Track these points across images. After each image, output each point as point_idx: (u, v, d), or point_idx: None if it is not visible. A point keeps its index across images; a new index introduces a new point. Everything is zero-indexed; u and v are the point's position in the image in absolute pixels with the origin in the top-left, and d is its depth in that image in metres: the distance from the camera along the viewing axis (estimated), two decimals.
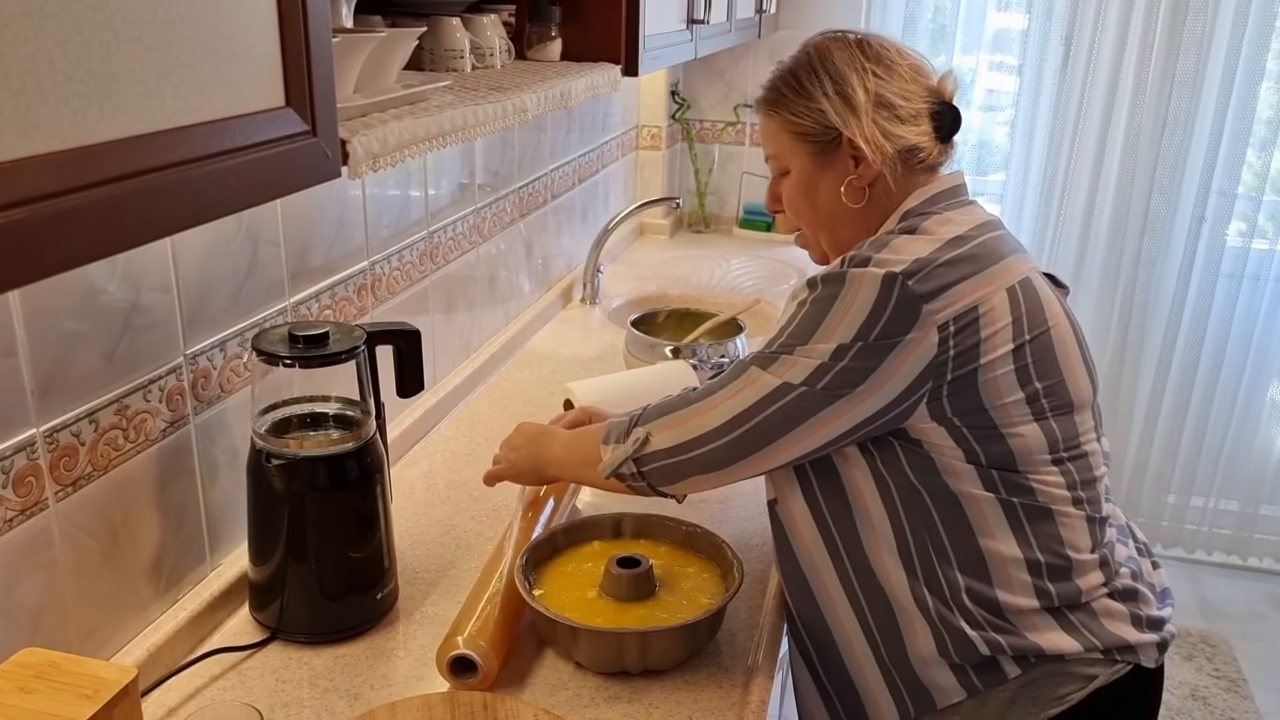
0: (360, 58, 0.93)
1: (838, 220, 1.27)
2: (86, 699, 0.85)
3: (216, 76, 0.65)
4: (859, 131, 1.20)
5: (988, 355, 1.10)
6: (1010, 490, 1.14)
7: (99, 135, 0.55)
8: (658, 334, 2.06)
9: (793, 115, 1.25)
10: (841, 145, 1.22)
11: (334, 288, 1.46)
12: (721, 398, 1.15)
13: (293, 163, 0.72)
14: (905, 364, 1.08)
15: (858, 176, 1.23)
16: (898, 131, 1.21)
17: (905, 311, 1.08)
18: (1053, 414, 1.14)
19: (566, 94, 1.36)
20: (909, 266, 1.09)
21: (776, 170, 1.32)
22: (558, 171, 2.35)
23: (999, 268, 1.14)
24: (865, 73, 1.21)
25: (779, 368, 1.12)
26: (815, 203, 1.27)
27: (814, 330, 1.11)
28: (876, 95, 1.20)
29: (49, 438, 0.99)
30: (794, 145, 1.26)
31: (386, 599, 1.26)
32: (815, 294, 1.13)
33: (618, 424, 1.25)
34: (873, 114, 1.20)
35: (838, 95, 1.21)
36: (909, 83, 1.22)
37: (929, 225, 1.17)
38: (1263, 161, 3.05)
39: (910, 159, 1.22)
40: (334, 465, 1.18)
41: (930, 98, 1.23)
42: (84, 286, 1.02)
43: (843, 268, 1.12)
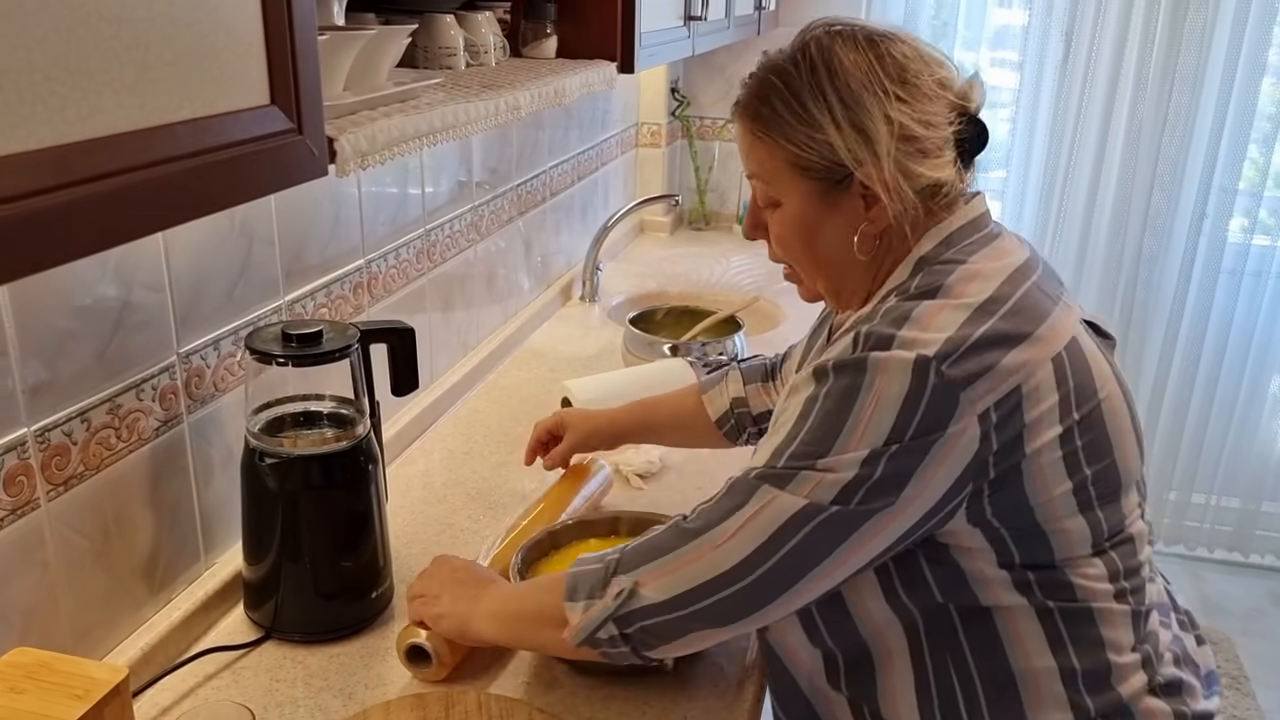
0: (350, 55, 0.92)
1: (840, 268, 1.06)
2: (77, 699, 0.85)
3: (198, 74, 0.64)
4: (877, 175, 0.97)
5: (1033, 443, 0.93)
6: (1047, 592, 0.97)
7: (77, 134, 0.55)
8: (656, 332, 2.05)
9: (793, 145, 1.00)
10: (853, 184, 1.00)
11: (329, 286, 1.46)
12: (729, 530, 0.94)
13: (278, 161, 0.72)
14: (946, 464, 0.91)
15: (870, 223, 1.01)
16: (921, 170, 0.98)
17: (943, 402, 0.89)
18: (1099, 502, 0.97)
19: (560, 91, 1.36)
20: (942, 347, 0.90)
21: (763, 198, 1.07)
22: (557, 169, 2.35)
23: (1042, 332, 0.95)
24: (888, 98, 0.97)
25: (799, 487, 0.91)
26: (814, 247, 1.05)
27: (835, 435, 0.91)
28: (901, 128, 0.97)
29: (40, 437, 0.99)
30: (791, 177, 1.02)
31: (382, 598, 1.26)
32: (829, 386, 0.93)
33: (588, 574, 1.02)
34: (896, 152, 0.97)
35: (852, 128, 0.97)
36: (934, 102, 0.99)
37: (955, 284, 0.96)
38: (1264, 157, 3.04)
39: (932, 197, 1.01)
40: (328, 464, 1.18)
41: (955, 116, 1.00)
42: (75, 285, 1.01)
43: (859, 351, 0.93)
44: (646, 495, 1.58)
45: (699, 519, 0.97)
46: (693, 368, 1.85)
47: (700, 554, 0.95)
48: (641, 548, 1.00)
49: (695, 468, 1.67)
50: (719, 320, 2.07)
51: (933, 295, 0.96)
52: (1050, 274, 1.07)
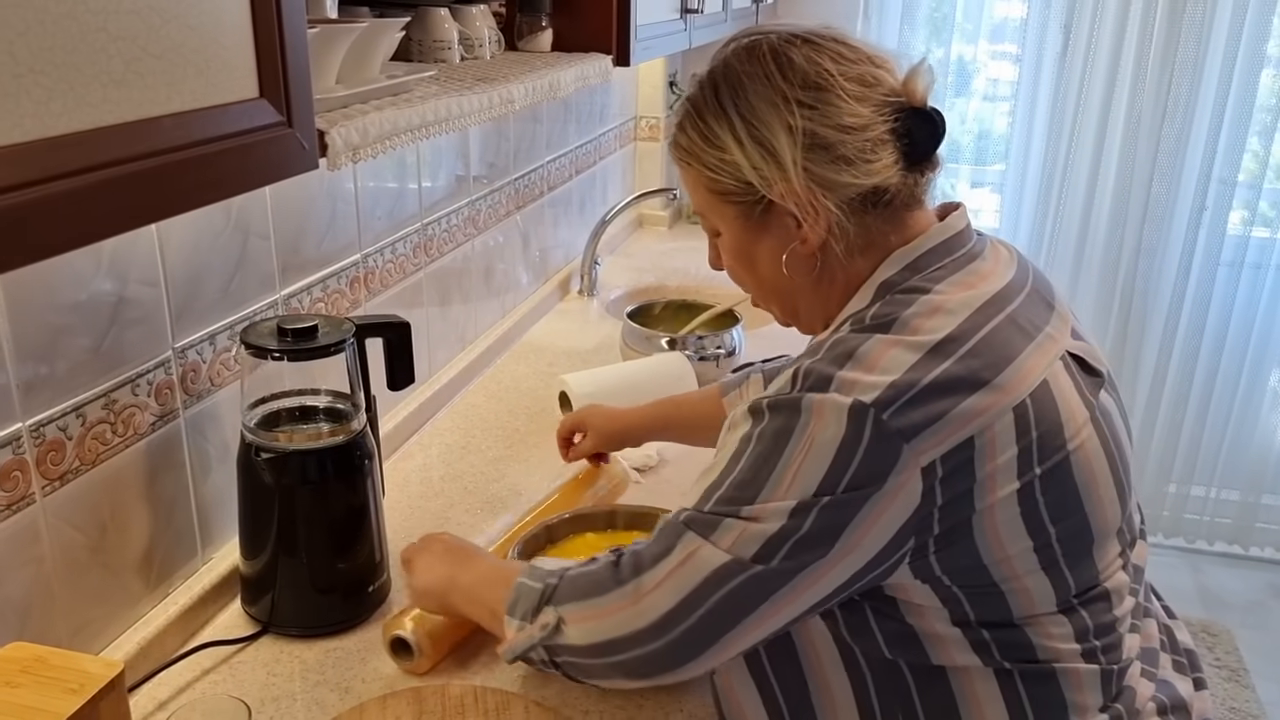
0: (341, 48, 0.92)
1: (786, 293, 1.01)
2: (72, 693, 0.85)
3: (186, 68, 0.64)
4: (788, 192, 0.92)
5: (985, 499, 0.85)
6: (1005, 652, 0.91)
7: (63, 127, 0.55)
8: (654, 326, 2.05)
9: (707, 170, 0.96)
10: (775, 204, 0.94)
11: (326, 280, 1.46)
12: (652, 581, 0.89)
13: (267, 154, 0.71)
14: (881, 519, 0.84)
15: (800, 243, 0.95)
16: (844, 179, 0.91)
17: (881, 454, 0.83)
18: (1066, 559, 0.89)
19: (555, 84, 1.36)
20: (883, 394, 0.83)
21: (706, 229, 1.05)
22: (554, 163, 2.35)
23: (1005, 377, 0.86)
24: (789, 105, 0.91)
25: (722, 536, 0.86)
26: (756, 272, 1.01)
27: (764, 481, 0.85)
28: (807, 135, 0.90)
29: (35, 432, 0.99)
30: (716, 204, 0.98)
31: (378, 592, 1.26)
32: (762, 426, 0.87)
33: (528, 592, 0.98)
34: (804, 162, 0.90)
35: (754, 143, 0.92)
36: (855, 102, 0.91)
37: (912, 318, 0.89)
38: (1264, 149, 3.03)
39: (872, 206, 0.94)
40: (324, 459, 1.18)
41: (890, 111, 0.92)
42: (70, 280, 1.01)
43: (795, 390, 0.87)
44: (644, 489, 1.57)
45: (630, 562, 0.92)
46: (690, 361, 1.86)
47: (623, 605, 0.90)
48: (578, 581, 0.95)
49: (693, 463, 1.66)
50: (717, 314, 2.07)
51: (886, 329, 0.88)
52: (1036, 299, 0.97)
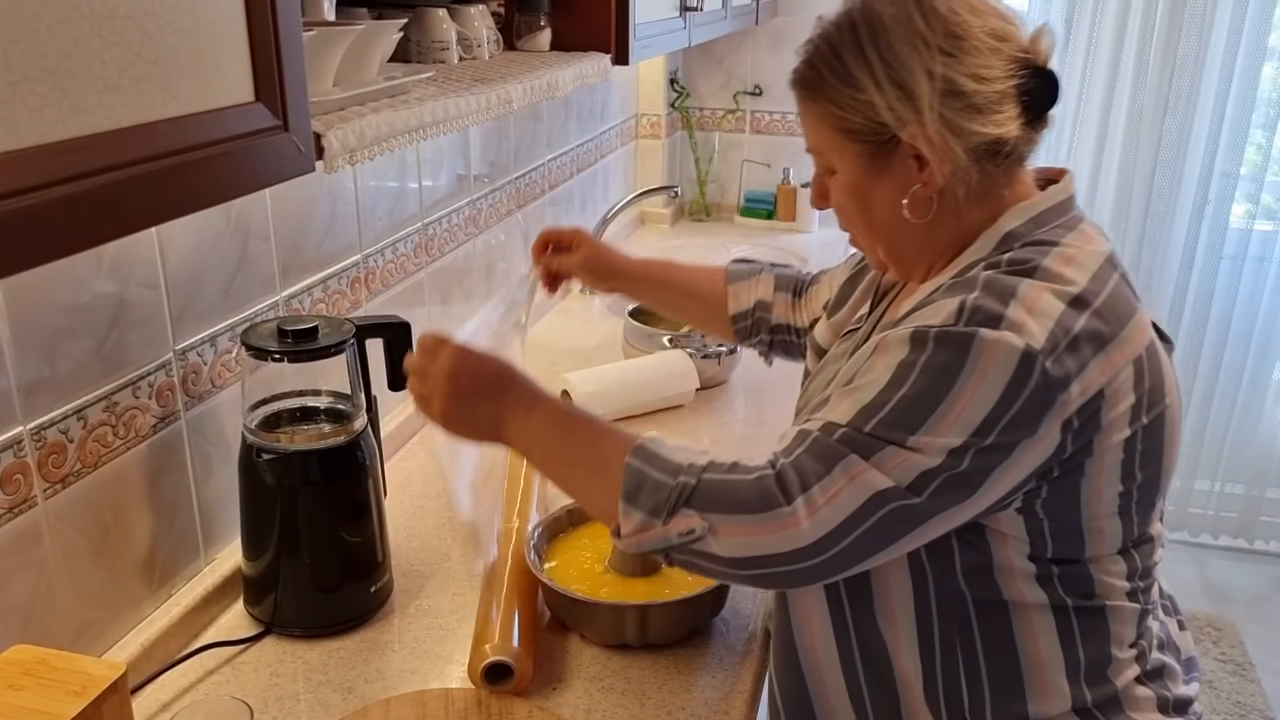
0: (338, 51, 0.92)
1: (898, 234, 1.02)
2: (75, 695, 0.86)
3: (181, 72, 0.64)
4: (920, 134, 0.94)
5: (1101, 445, 0.91)
6: (1068, 587, 0.97)
7: (58, 134, 0.55)
8: (655, 324, 2.05)
9: (836, 107, 0.98)
10: (900, 146, 0.96)
11: (326, 281, 1.46)
12: (812, 504, 0.89)
13: (264, 157, 0.72)
14: (1021, 465, 0.89)
15: (923, 185, 0.97)
16: (973, 127, 0.94)
17: (1038, 403, 0.86)
18: (1138, 506, 0.96)
19: (554, 84, 1.36)
20: (1047, 341, 0.86)
21: (820, 167, 1.06)
22: (555, 161, 2.35)
23: (1128, 331, 0.92)
24: (930, 51, 0.93)
25: (883, 461, 0.88)
26: (869, 212, 1.02)
27: (929, 412, 0.87)
28: (945, 81, 0.93)
29: (36, 435, 0.99)
30: (839, 142, 1.00)
31: (381, 592, 1.26)
32: (927, 356, 0.88)
33: (654, 486, 0.93)
34: (940, 108, 0.93)
35: (893, 85, 0.94)
36: (989, 55, 0.94)
37: (1051, 266, 0.92)
38: (1266, 143, 3.02)
39: (992, 157, 0.96)
40: (325, 459, 1.18)
41: (1017, 68, 0.95)
42: (70, 283, 1.02)
43: (964, 324, 0.88)
44: None
45: (792, 479, 0.90)
46: (691, 359, 1.86)
47: (784, 524, 0.89)
48: (725, 490, 0.92)
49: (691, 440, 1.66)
50: None
51: (1031, 274, 0.91)
52: (1123, 267, 1.01)
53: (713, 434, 1.76)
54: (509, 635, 1.12)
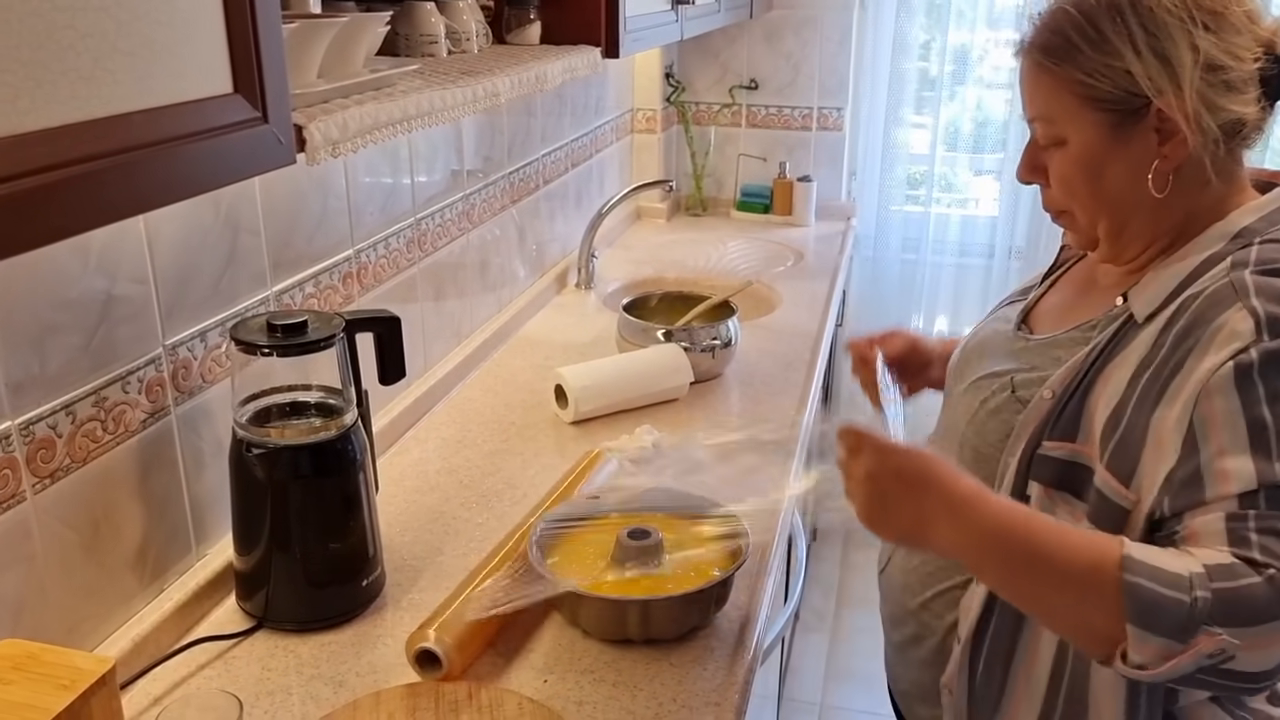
0: (322, 43, 0.92)
1: (1128, 209, 1.02)
2: (63, 689, 0.86)
3: (156, 63, 0.64)
4: (1178, 105, 0.94)
5: None
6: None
7: (31, 124, 0.55)
8: (650, 318, 2.05)
9: (1085, 75, 0.97)
10: (1147, 116, 0.97)
11: (318, 276, 1.46)
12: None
13: (242, 149, 0.72)
14: None
15: (1165, 158, 0.97)
16: (1225, 103, 0.95)
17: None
18: None
19: (542, 77, 1.35)
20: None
21: (1046, 137, 1.04)
22: (550, 156, 2.35)
23: None
24: (1195, 24, 0.94)
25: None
26: (1100, 185, 1.01)
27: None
28: (1206, 55, 0.93)
29: (24, 430, 1.00)
30: (1080, 111, 0.99)
31: (373, 586, 1.26)
32: (1263, 387, 0.88)
33: (1168, 604, 0.85)
34: (1199, 82, 0.94)
35: (1154, 55, 0.94)
36: (1241, 34, 0.95)
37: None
38: None
39: (1232, 136, 0.97)
40: (315, 453, 1.18)
41: (1261, 52, 0.96)
42: (58, 278, 1.02)
43: (1271, 338, 0.88)
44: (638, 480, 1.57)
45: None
46: (686, 353, 1.86)
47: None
48: (1239, 602, 0.84)
49: (686, 453, 1.67)
50: (713, 305, 2.07)
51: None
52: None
53: (707, 427, 1.76)
54: (451, 627, 1.13)
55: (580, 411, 1.75)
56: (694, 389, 1.88)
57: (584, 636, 1.21)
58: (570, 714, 1.09)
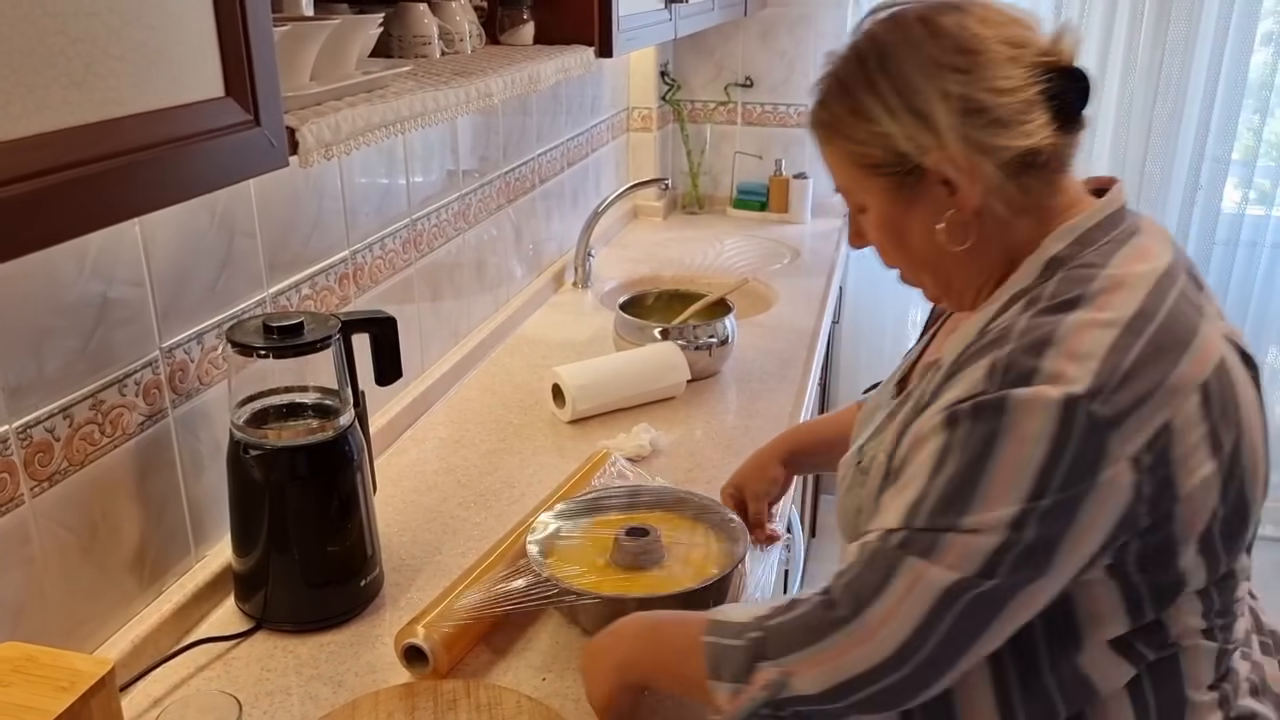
0: (314, 45, 0.92)
1: (941, 264, 0.98)
2: (63, 691, 0.86)
3: (148, 68, 0.65)
4: (944, 158, 0.90)
5: (1182, 488, 0.84)
6: (1144, 643, 0.90)
7: (23, 130, 0.56)
8: (647, 316, 2.05)
9: (855, 145, 0.95)
10: (927, 174, 0.93)
11: (314, 277, 1.46)
12: (880, 615, 0.85)
13: (235, 152, 0.72)
14: (1099, 520, 0.82)
15: (956, 210, 0.93)
16: (1000, 142, 0.90)
17: (1091, 450, 0.81)
18: (1223, 540, 0.88)
19: (535, 77, 1.36)
20: (1093, 383, 0.81)
21: (851, 206, 1.02)
22: (545, 156, 2.35)
23: (1191, 354, 0.85)
24: (943, 72, 0.90)
25: (943, 554, 0.83)
26: (908, 246, 0.99)
27: (977, 489, 0.83)
28: (963, 100, 0.89)
29: (22, 434, 1.00)
30: (865, 179, 0.97)
31: (371, 586, 1.27)
32: (964, 433, 0.84)
33: (729, 652, 0.92)
34: (961, 129, 0.89)
35: (908, 112, 0.91)
36: (1007, 65, 0.90)
37: (1099, 294, 0.86)
38: (1258, 126, 3.02)
39: (1026, 169, 0.92)
40: (312, 454, 1.18)
41: (1039, 72, 0.90)
42: (54, 281, 1.02)
43: (996, 387, 0.84)
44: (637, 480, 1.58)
45: (847, 597, 0.87)
46: (683, 351, 1.86)
47: (854, 643, 0.86)
48: (788, 629, 0.90)
49: (685, 450, 1.67)
50: (709, 303, 2.08)
51: (1074, 307, 0.86)
52: (1191, 277, 0.94)
53: (705, 425, 1.76)
54: (441, 624, 1.14)
55: (578, 410, 1.75)
56: (691, 387, 1.89)
57: (582, 635, 1.21)
58: (568, 712, 1.10)
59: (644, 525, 1.27)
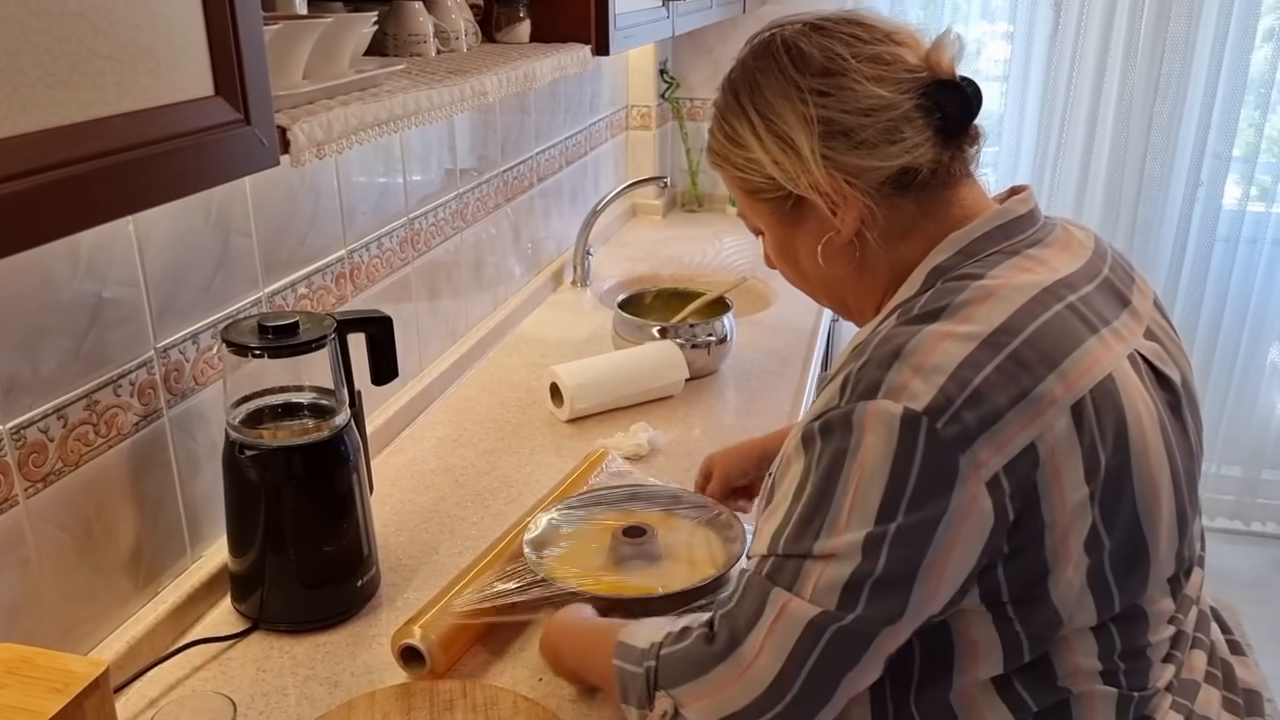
0: (307, 44, 0.92)
1: (833, 285, 0.98)
2: (56, 692, 0.86)
3: (135, 67, 0.64)
4: (812, 183, 0.90)
5: (1052, 513, 0.80)
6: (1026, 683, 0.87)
7: (8, 130, 0.55)
8: (646, 315, 2.05)
9: (738, 171, 0.96)
10: (805, 197, 0.93)
11: (310, 277, 1.46)
12: (753, 648, 0.84)
13: (225, 152, 0.72)
14: (957, 547, 0.79)
15: (836, 233, 0.93)
16: (870, 163, 0.89)
17: (938, 468, 0.78)
18: (1115, 576, 0.84)
19: (530, 75, 1.35)
20: (935, 399, 0.78)
21: (750, 229, 1.04)
22: (544, 154, 2.35)
23: (1064, 370, 0.81)
24: (803, 95, 0.90)
25: (803, 584, 0.81)
26: (800, 267, 1.00)
27: (825, 512, 0.81)
28: (823, 123, 0.89)
29: (15, 435, 1.00)
30: (753, 204, 0.98)
31: (367, 586, 1.27)
32: (818, 452, 0.82)
33: (631, 678, 0.94)
34: (823, 151, 0.89)
35: (773, 138, 0.91)
36: (872, 83, 0.88)
37: (963, 305, 0.84)
38: (1259, 123, 3.02)
39: (905, 187, 0.91)
40: (308, 454, 1.18)
41: (915, 85, 0.89)
42: (47, 281, 1.02)
43: (845, 401, 0.82)
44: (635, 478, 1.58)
45: (724, 631, 0.86)
46: (681, 350, 1.86)
47: (730, 678, 0.85)
48: (677, 660, 0.90)
49: (684, 449, 1.67)
50: (708, 301, 2.07)
51: (935, 318, 0.84)
52: (1108, 291, 0.92)
53: (703, 424, 1.76)
54: (437, 624, 1.13)
55: (576, 409, 1.75)
56: (690, 386, 1.88)
57: None
58: (565, 712, 1.09)
59: (642, 525, 1.27)
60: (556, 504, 1.35)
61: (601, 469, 1.51)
